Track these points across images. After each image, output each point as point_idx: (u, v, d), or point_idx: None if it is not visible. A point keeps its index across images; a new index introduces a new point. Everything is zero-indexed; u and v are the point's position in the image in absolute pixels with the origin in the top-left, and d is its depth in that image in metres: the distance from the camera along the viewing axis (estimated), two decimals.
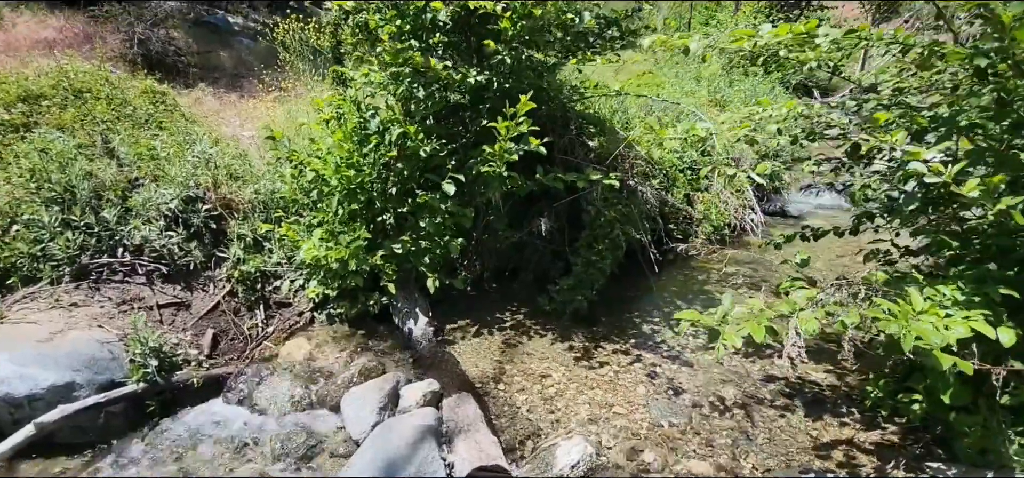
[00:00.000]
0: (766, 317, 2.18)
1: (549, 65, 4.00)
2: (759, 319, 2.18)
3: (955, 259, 2.45)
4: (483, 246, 4.58)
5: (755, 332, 2.10)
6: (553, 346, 3.71)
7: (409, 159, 3.96)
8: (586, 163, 4.54)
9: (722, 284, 4.84)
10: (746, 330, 2.14)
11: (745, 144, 2.99)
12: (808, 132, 2.91)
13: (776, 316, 2.22)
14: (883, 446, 2.66)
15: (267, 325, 3.95)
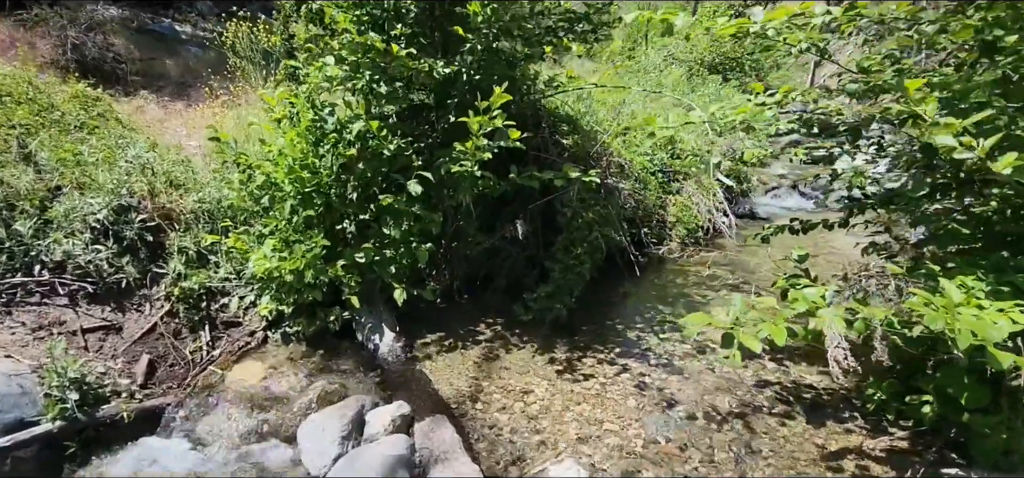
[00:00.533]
0: (783, 317, 1.96)
1: (523, 55, 3.75)
2: (776, 320, 1.96)
3: (963, 249, 2.30)
4: (453, 253, 4.27)
5: (776, 334, 1.88)
6: (533, 359, 3.42)
7: (371, 159, 3.63)
8: (561, 162, 4.31)
9: (702, 286, 4.66)
10: (764, 332, 1.92)
11: (741, 132, 2.81)
12: (805, 120, 2.74)
13: (793, 315, 2.00)
14: (894, 453, 2.48)
15: (213, 347, 3.53)
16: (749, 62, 15.97)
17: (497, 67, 3.73)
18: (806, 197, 8.66)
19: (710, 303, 4.26)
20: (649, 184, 6.15)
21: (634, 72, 11.53)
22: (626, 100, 7.77)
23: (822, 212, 7.89)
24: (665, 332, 3.75)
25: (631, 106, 7.55)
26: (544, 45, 3.82)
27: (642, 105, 7.95)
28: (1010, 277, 1.94)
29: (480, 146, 3.26)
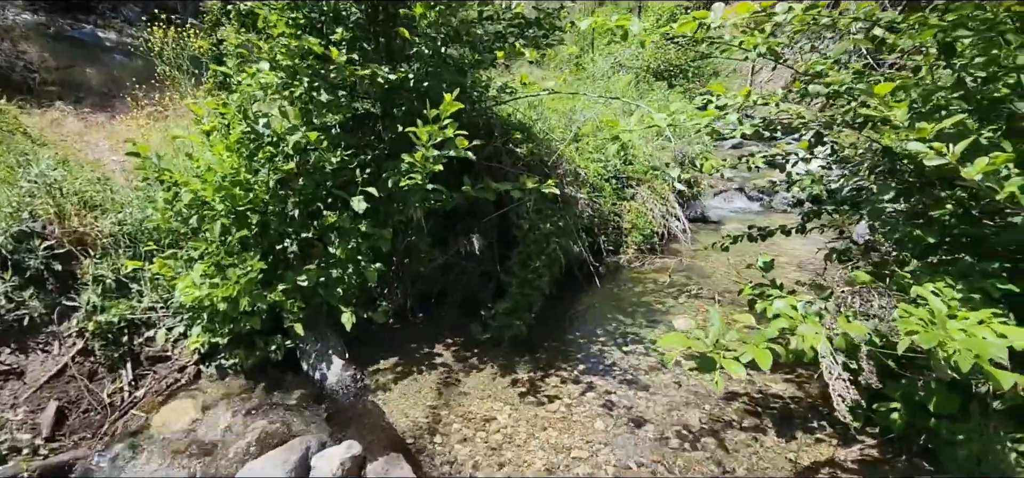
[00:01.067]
0: (764, 338, 1.86)
1: (474, 61, 3.57)
2: (758, 340, 1.85)
3: (925, 253, 2.27)
4: (405, 270, 4.02)
5: (760, 358, 1.76)
6: (494, 382, 3.23)
7: (311, 173, 3.36)
8: (515, 171, 4.15)
9: (661, 294, 4.60)
10: (747, 355, 1.80)
11: (706, 136, 2.74)
12: (768, 124, 2.69)
13: (776, 332, 1.90)
14: (865, 463, 2.44)
15: (136, 387, 3.16)
16: (692, 69, 16.44)
17: (446, 74, 3.53)
18: (752, 200, 8.85)
19: (672, 312, 4.19)
20: (604, 191, 6.09)
21: (583, 79, 11.56)
22: (577, 107, 7.74)
23: (768, 214, 8.12)
24: (628, 345, 3.64)
25: (583, 113, 7.51)
26: (494, 51, 3.65)
27: (594, 111, 7.92)
28: (979, 283, 1.91)
29: (430, 157, 3.06)
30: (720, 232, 7.06)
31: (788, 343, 1.87)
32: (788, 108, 2.52)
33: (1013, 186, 1.62)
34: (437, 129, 2.95)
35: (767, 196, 8.85)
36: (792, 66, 2.73)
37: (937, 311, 1.69)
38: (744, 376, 1.72)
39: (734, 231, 7.17)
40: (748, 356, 1.80)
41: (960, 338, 1.55)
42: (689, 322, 3.97)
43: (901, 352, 1.66)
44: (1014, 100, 1.87)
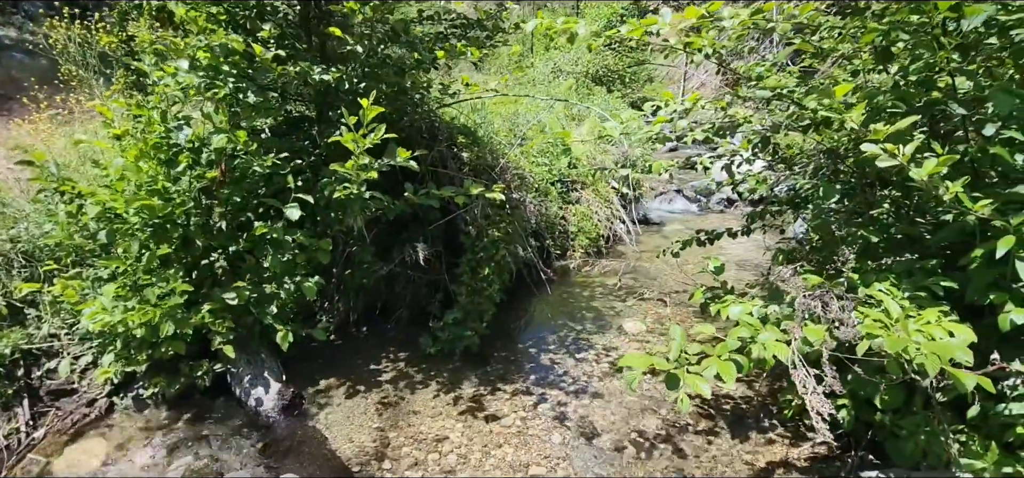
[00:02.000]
0: (726, 349, 1.82)
1: (414, 62, 3.41)
2: (720, 351, 1.81)
3: (867, 252, 2.34)
4: (346, 284, 3.80)
5: (725, 372, 1.72)
6: (444, 398, 3.07)
7: (239, 181, 3.09)
8: (460, 177, 4.02)
9: (610, 298, 4.59)
10: (713, 370, 1.75)
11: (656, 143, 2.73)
12: (717, 128, 2.69)
13: (738, 343, 1.86)
14: (817, 460, 2.48)
15: (35, 427, 2.79)
16: (629, 74, 16.86)
17: (384, 75, 3.35)
18: (690, 201, 9.10)
19: (622, 315, 4.18)
20: (550, 195, 6.06)
21: (523, 82, 11.56)
22: (519, 110, 7.68)
23: (706, 214, 8.38)
24: (581, 352, 3.58)
25: (526, 116, 7.47)
26: (435, 52, 3.50)
27: (537, 115, 7.91)
28: (922, 281, 1.96)
29: (363, 165, 2.87)
30: (663, 232, 7.21)
31: (749, 353, 1.84)
32: (736, 112, 2.54)
33: (957, 187, 1.66)
34: (360, 137, 2.76)
35: (704, 197, 9.12)
36: (735, 70, 2.76)
37: (893, 313, 1.72)
38: (708, 393, 1.68)
39: (675, 232, 7.36)
40: (712, 371, 1.75)
41: (922, 341, 1.57)
42: (639, 325, 3.97)
43: (860, 355, 1.67)
44: (949, 102, 1.94)
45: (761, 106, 2.54)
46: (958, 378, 1.50)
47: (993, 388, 1.52)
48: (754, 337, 1.87)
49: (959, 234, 2.05)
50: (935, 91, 2.10)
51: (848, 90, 1.85)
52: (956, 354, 1.52)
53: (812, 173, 2.51)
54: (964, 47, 1.90)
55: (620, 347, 3.65)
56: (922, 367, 1.51)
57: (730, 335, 1.93)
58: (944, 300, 1.90)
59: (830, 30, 2.22)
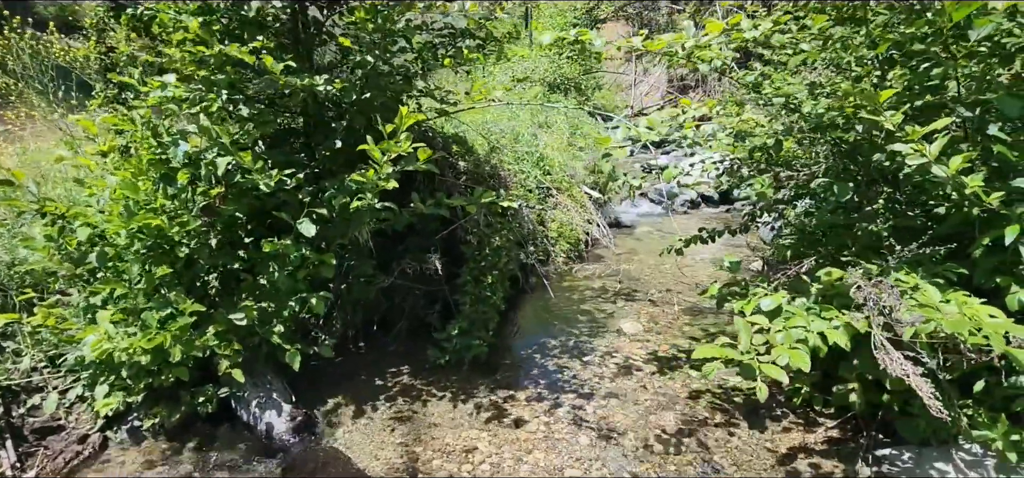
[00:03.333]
0: (791, 340, 1.91)
1: (417, 70, 3.38)
2: (787, 341, 1.90)
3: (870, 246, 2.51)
4: (345, 298, 3.70)
5: (799, 360, 1.80)
6: (462, 408, 3.05)
7: (239, 197, 2.97)
8: (458, 185, 4.00)
9: (599, 299, 4.68)
10: (784, 358, 1.83)
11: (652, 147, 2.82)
12: (738, 134, 2.82)
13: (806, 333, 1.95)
14: (832, 443, 2.62)
15: (22, 470, 2.56)
16: (585, 81, 17.22)
17: (389, 82, 3.31)
18: (655, 202, 9.38)
19: (615, 316, 4.27)
20: (530, 201, 6.11)
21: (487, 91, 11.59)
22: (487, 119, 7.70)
23: (672, 215, 8.67)
24: (586, 355, 3.64)
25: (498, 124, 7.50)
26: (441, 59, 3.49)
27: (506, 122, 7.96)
28: (934, 269, 2.13)
29: (384, 175, 2.83)
30: (634, 234, 7.41)
31: (806, 340, 1.94)
32: (749, 118, 2.67)
33: (977, 181, 1.82)
34: (394, 144, 2.74)
35: (668, 200, 9.43)
36: (738, 79, 2.89)
37: (932, 298, 1.86)
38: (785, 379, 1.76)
39: (646, 233, 7.56)
40: (784, 359, 1.84)
41: (982, 321, 1.71)
42: (637, 325, 4.06)
43: (908, 338, 1.80)
44: (956, 105, 2.13)
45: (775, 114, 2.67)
46: (1015, 355, 1.65)
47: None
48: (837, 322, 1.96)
49: (961, 225, 2.23)
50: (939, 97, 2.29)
51: (890, 95, 2.00)
52: (1012, 331, 1.66)
53: (824, 172, 2.67)
54: (971, 54, 2.09)
55: (623, 348, 3.73)
56: (977, 345, 1.65)
57: (784, 326, 2.03)
58: (958, 285, 2.07)
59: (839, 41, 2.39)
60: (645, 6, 19.53)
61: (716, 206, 9.12)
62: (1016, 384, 2.00)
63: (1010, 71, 2.11)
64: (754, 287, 2.65)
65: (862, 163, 2.48)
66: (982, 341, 1.68)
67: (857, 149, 2.45)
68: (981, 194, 1.85)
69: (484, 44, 4.12)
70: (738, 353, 1.93)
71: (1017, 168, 2.07)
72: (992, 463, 2.12)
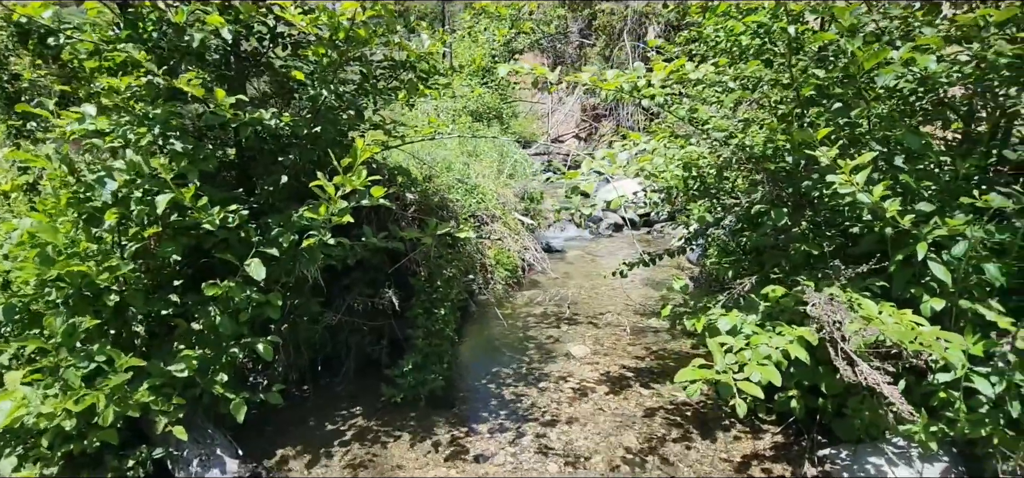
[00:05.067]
0: (759, 356, 2.05)
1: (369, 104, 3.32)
2: (755, 358, 2.03)
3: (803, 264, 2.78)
4: (290, 338, 3.50)
5: (770, 376, 1.94)
6: (422, 446, 2.97)
7: (177, 237, 2.76)
8: (407, 217, 3.95)
9: (543, 325, 4.76)
10: (757, 375, 1.97)
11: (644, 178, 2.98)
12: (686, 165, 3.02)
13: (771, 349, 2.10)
14: (779, 448, 2.83)
15: None
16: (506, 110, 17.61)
17: (338, 118, 3.23)
18: (581, 228, 9.72)
19: (563, 340, 4.36)
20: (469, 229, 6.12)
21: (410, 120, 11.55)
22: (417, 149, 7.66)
23: (598, 239, 9.02)
24: (540, 382, 3.68)
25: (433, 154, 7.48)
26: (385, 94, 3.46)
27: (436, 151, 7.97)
28: (860, 285, 2.40)
29: (338, 209, 2.74)
30: (566, 258, 7.62)
31: (771, 357, 2.10)
32: (692, 151, 2.89)
33: (894, 206, 2.10)
34: (349, 178, 2.67)
35: (594, 224, 9.81)
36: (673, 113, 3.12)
37: (871, 311, 2.10)
38: (761, 394, 1.90)
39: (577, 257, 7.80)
40: (757, 376, 1.98)
41: (921, 332, 1.94)
42: (585, 349, 4.18)
43: (854, 349, 2.01)
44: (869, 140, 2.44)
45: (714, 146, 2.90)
46: (948, 358, 1.89)
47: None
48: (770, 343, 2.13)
49: (876, 243, 2.54)
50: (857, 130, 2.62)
51: (828, 133, 2.25)
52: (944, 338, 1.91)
53: (760, 198, 2.93)
54: (879, 98, 2.42)
55: (575, 372, 3.81)
56: (916, 351, 1.88)
57: (749, 345, 2.18)
58: (880, 297, 2.35)
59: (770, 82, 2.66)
60: (558, 40, 20.40)
61: (637, 229, 9.60)
62: (934, 382, 2.28)
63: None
64: (702, 305, 2.84)
65: (792, 191, 2.77)
66: (920, 348, 1.92)
67: (790, 177, 2.74)
68: (898, 217, 2.13)
69: (428, 77, 4.13)
70: (715, 373, 2.06)
71: (920, 194, 2.41)
72: (916, 453, 2.39)
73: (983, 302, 2.20)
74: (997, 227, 2.24)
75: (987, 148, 2.67)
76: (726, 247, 3.79)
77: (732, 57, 3.17)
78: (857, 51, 2.21)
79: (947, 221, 2.22)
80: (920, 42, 2.19)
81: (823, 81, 2.47)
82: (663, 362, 3.90)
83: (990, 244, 2.23)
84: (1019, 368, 2.07)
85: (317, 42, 2.94)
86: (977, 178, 2.55)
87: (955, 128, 2.96)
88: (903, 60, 2.28)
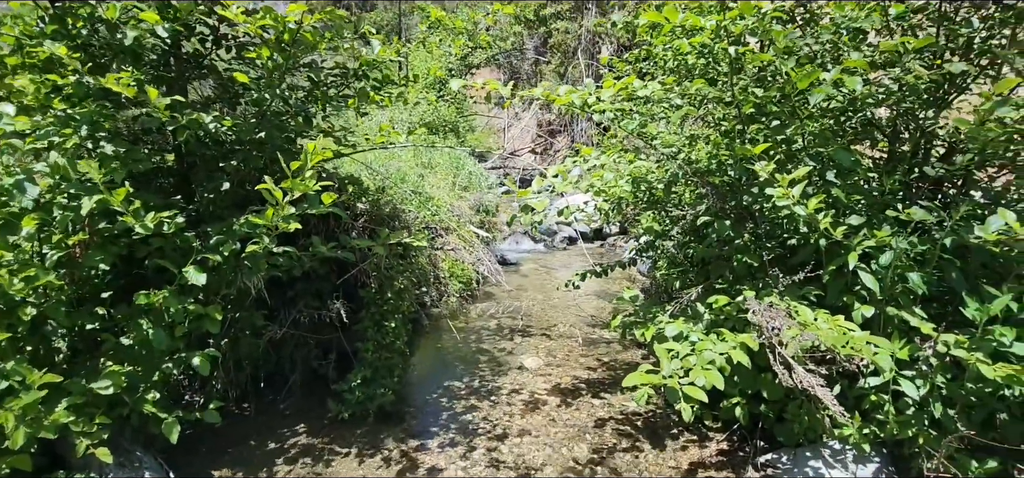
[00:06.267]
0: (704, 362, 2.09)
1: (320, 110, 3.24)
2: (700, 363, 2.07)
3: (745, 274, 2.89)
4: (230, 353, 3.34)
5: (714, 380, 1.97)
6: (370, 464, 2.88)
7: (106, 245, 2.59)
8: (357, 226, 3.86)
9: (497, 337, 4.74)
10: (702, 380, 2.00)
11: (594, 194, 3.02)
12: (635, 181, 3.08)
13: (715, 356, 2.14)
14: (724, 454, 2.90)
15: None
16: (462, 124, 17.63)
17: (285, 123, 3.13)
18: (536, 241, 9.79)
19: (515, 353, 4.35)
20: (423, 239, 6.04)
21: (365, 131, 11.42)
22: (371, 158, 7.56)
23: (553, 252, 9.10)
24: (492, 395, 3.65)
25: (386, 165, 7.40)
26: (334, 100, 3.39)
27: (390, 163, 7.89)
28: (797, 293, 2.51)
29: (286, 216, 2.65)
30: (520, 271, 7.63)
31: (716, 362, 2.15)
32: (641, 166, 2.96)
33: (826, 220, 2.21)
34: (298, 182, 2.58)
35: (548, 237, 9.90)
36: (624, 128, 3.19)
37: (807, 318, 2.18)
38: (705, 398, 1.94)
39: (532, 270, 7.83)
40: (702, 380, 2.01)
41: (853, 337, 2.03)
42: (538, 360, 4.18)
43: (791, 354, 2.08)
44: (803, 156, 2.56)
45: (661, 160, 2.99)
46: (877, 362, 1.99)
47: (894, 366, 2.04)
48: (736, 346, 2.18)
49: (811, 254, 2.67)
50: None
51: (765, 147, 2.34)
52: (876, 343, 2.01)
53: (705, 211, 3.03)
54: (812, 117, 2.55)
55: (527, 384, 3.80)
56: (848, 355, 1.97)
57: (695, 351, 2.23)
58: (816, 305, 2.46)
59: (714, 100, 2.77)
60: (514, 56, 20.63)
61: (591, 242, 9.74)
62: (866, 386, 2.40)
63: None
64: (650, 315, 2.89)
65: (735, 204, 2.88)
66: (851, 352, 2.02)
67: (733, 190, 2.84)
68: (830, 229, 2.25)
69: (381, 85, 4.07)
70: (662, 378, 2.09)
71: (850, 207, 2.55)
72: (851, 454, 2.50)
73: (908, 309, 2.33)
74: (919, 239, 2.40)
75: (909, 165, 2.86)
76: (674, 258, 3.90)
77: (680, 75, 3.28)
78: (791, 72, 2.33)
79: (875, 233, 2.36)
80: (847, 64, 2.32)
81: (762, 99, 2.60)
82: (614, 372, 3.95)
83: (913, 254, 2.38)
84: (940, 371, 2.20)
85: (262, 44, 2.85)
86: (901, 193, 2.73)
87: (882, 147, 3.16)
88: (832, 82, 2.41)
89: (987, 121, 2.14)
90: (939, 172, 2.63)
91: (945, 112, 2.84)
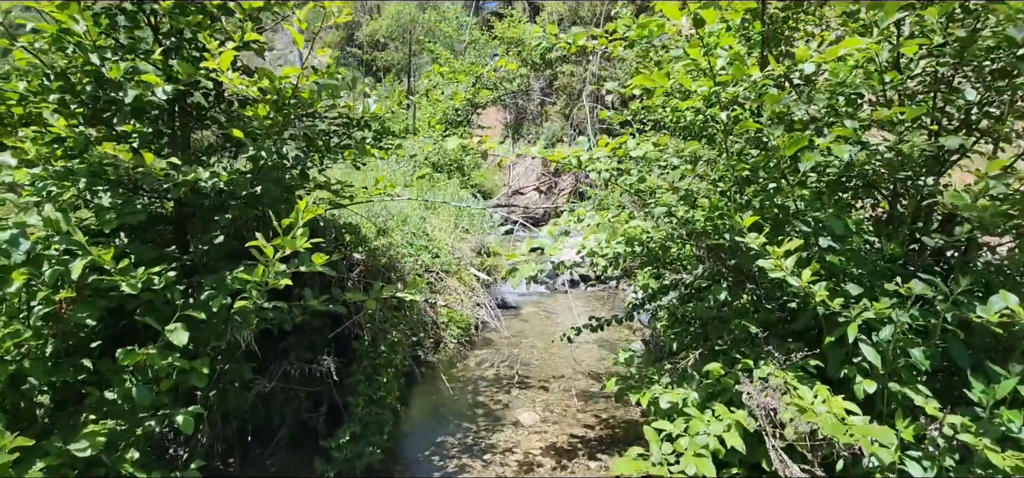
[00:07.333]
0: (695, 446, 2.02)
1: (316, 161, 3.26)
2: (692, 448, 2.00)
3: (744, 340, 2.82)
4: (217, 407, 3.28)
5: (704, 468, 1.90)
6: None
7: (94, 301, 2.58)
8: (352, 278, 3.84)
9: (494, 388, 4.65)
10: (691, 467, 1.93)
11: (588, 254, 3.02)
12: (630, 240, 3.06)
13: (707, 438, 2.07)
14: None
15: None
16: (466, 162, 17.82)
17: (281, 178, 3.14)
18: (539, 284, 9.73)
19: (512, 406, 4.26)
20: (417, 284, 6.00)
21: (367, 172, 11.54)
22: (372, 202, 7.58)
23: (555, 295, 9.03)
24: (485, 453, 3.55)
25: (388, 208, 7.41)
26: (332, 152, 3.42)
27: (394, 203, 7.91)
28: (797, 363, 2.44)
29: (277, 273, 2.63)
30: (521, 315, 7.56)
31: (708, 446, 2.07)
32: (637, 225, 2.94)
33: (822, 292, 2.16)
34: (289, 239, 2.57)
35: (550, 280, 9.85)
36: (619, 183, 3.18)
37: (806, 398, 2.11)
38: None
39: (532, 314, 7.76)
40: (692, 468, 1.94)
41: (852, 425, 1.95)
42: (534, 416, 4.08)
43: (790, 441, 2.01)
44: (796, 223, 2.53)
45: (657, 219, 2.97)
46: (876, 453, 1.90)
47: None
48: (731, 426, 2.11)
49: (811, 320, 2.60)
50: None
51: (755, 220, 2.31)
52: (876, 435, 1.93)
53: (700, 274, 2.98)
54: (802, 183, 2.53)
55: (521, 442, 3.71)
56: (848, 445, 1.89)
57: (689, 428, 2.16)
58: (815, 376, 2.38)
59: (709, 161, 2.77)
60: (520, 97, 20.91)
61: (593, 285, 9.67)
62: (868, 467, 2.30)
63: None
64: (648, 378, 2.82)
65: (734, 264, 2.83)
66: (850, 440, 1.94)
67: (731, 252, 2.80)
68: (827, 301, 2.19)
69: (381, 137, 4.11)
70: (652, 465, 2.02)
71: (848, 273, 2.50)
72: None
73: (911, 385, 2.25)
74: (920, 311, 2.33)
75: (910, 230, 2.82)
76: (674, 313, 3.83)
77: (678, 128, 3.28)
78: (779, 140, 2.31)
79: (874, 304, 2.30)
80: (838, 133, 2.30)
81: (753, 164, 2.58)
82: (611, 431, 3.84)
83: (915, 326, 2.32)
84: (947, 453, 2.11)
85: (259, 102, 2.88)
86: (901, 261, 2.67)
87: (883, 207, 3.12)
88: (822, 149, 2.40)
89: (981, 198, 2.11)
90: (938, 243, 2.58)
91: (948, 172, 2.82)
